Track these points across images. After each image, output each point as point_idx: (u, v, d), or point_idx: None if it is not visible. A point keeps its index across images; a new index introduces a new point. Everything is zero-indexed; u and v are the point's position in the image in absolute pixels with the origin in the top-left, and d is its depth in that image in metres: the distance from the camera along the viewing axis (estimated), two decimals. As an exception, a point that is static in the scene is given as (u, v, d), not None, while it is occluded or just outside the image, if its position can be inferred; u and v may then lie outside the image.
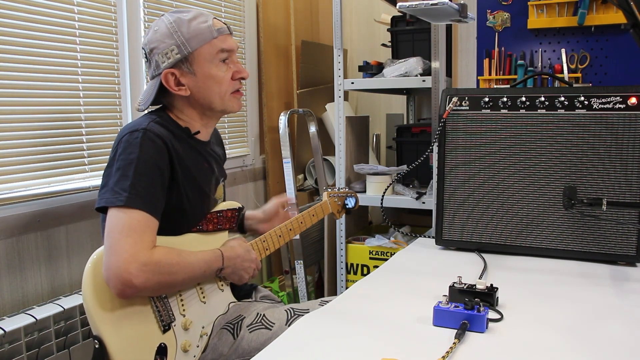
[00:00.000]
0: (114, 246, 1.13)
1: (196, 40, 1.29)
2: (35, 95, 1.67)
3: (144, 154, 1.20)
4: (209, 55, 1.31)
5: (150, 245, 1.16)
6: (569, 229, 1.43)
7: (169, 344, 1.21)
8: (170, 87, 1.31)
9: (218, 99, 1.35)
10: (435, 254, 1.52)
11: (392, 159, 3.12)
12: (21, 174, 1.64)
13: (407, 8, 1.42)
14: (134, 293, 1.13)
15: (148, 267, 1.13)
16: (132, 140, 1.22)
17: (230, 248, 1.33)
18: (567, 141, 1.42)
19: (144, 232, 1.15)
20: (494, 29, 2.34)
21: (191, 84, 1.32)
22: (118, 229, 1.14)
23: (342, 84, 2.51)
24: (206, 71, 1.31)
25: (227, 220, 1.41)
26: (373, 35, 3.37)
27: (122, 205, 1.15)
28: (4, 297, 1.59)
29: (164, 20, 1.32)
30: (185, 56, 1.30)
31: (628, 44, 2.15)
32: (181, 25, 1.30)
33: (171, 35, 1.29)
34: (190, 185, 1.31)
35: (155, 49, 1.30)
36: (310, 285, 2.85)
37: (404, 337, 0.98)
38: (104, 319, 1.14)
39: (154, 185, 1.20)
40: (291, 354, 0.93)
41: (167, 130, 1.28)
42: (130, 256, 1.11)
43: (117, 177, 1.19)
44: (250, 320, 1.36)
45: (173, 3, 2.22)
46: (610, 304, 1.14)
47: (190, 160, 1.32)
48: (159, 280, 1.15)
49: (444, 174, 1.53)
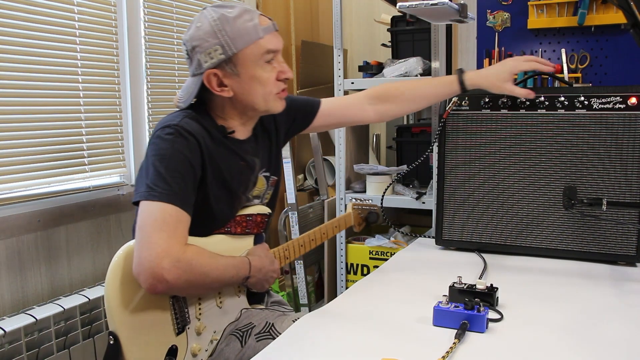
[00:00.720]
0: (147, 240, 1.10)
1: (241, 41, 1.23)
2: (35, 95, 1.67)
3: (176, 150, 1.18)
4: (254, 56, 1.25)
5: (183, 241, 1.14)
6: (569, 229, 1.43)
7: (180, 346, 1.21)
8: (212, 88, 1.26)
9: (262, 100, 1.30)
10: (435, 254, 1.52)
11: (392, 159, 3.12)
12: (21, 174, 1.64)
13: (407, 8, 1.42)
14: (164, 289, 1.11)
15: (181, 263, 1.11)
16: (164, 136, 1.20)
17: (257, 258, 1.30)
18: (567, 141, 1.42)
19: (177, 227, 1.13)
20: (494, 29, 2.34)
21: (234, 85, 1.27)
22: (151, 223, 1.12)
23: (342, 84, 2.51)
24: (251, 72, 1.26)
25: (256, 225, 1.37)
26: (373, 35, 3.37)
27: (157, 200, 1.13)
28: (4, 297, 1.59)
29: (207, 17, 1.24)
30: (230, 57, 1.23)
31: (628, 44, 2.15)
32: (225, 23, 1.22)
33: (215, 34, 1.22)
34: (219, 186, 1.28)
35: (197, 47, 1.24)
36: (310, 285, 2.85)
37: (404, 337, 0.98)
38: (124, 316, 1.12)
39: (186, 181, 1.19)
40: (291, 354, 0.93)
41: (200, 127, 1.25)
42: (163, 250, 1.09)
43: (150, 172, 1.17)
44: (259, 329, 1.33)
45: (173, 3, 2.22)
46: (610, 304, 1.14)
47: (223, 159, 1.28)
48: (189, 279, 1.13)
49: (444, 174, 1.53)
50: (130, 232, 1.96)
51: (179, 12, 2.25)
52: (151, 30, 2.10)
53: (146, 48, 2.08)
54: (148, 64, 2.09)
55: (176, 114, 1.27)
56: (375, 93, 1.59)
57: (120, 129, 1.97)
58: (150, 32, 2.10)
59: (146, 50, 2.08)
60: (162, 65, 2.16)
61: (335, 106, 1.59)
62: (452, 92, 1.50)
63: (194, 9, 2.33)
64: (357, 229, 1.75)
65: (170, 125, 1.21)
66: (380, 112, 1.59)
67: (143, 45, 2.07)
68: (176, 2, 2.23)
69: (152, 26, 2.11)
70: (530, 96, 1.43)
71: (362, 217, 1.75)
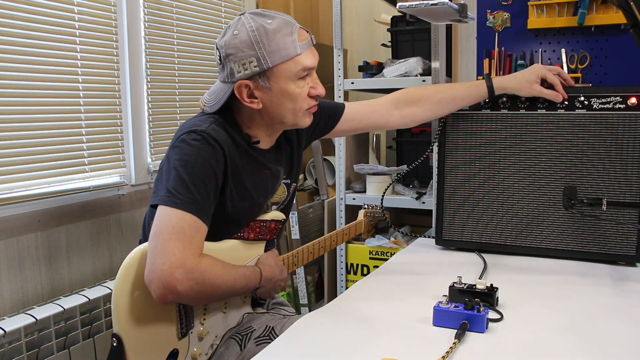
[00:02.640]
0: (162, 248, 1.08)
1: (278, 56, 1.19)
2: (35, 95, 1.67)
3: (202, 158, 1.16)
4: (289, 72, 1.21)
5: (198, 251, 1.12)
6: (569, 229, 1.43)
7: (181, 350, 1.20)
8: (242, 99, 1.23)
9: (291, 115, 1.27)
10: (435, 254, 1.52)
11: (392, 159, 3.12)
12: (21, 174, 1.64)
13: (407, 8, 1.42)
14: (175, 299, 1.09)
15: (194, 275, 1.09)
16: (190, 141, 1.17)
17: (268, 267, 1.28)
18: (567, 141, 1.42)
19: (193, 237, 1.11)
20: (494, 29, 2.34)
21: (265, 98, 1.24)
22: (168, 230, 1.09)
23: (342, 84, 2.51)
24: (283, 87, 1.22)
25: (269, 231, 1.36)
26: (373, 35, 3.37)
27: (177, 207, 1.11)
28: (4, 297, 1.59)
29: (246, 25, 1.19)
30: (264, 70, 1.20)
31: (628, 44, 2.15)
32: (264, 35, 1.18)
33: (252, 45, 1.18)
34: (240, 195, 1.26)
35: (232, 55, 1.20)
36: (310, 285, 2.85)
37: (404, 337, 0.98)
38: (130, 319, 1.11)
39: (208, 190, 1.16)
40: (291, 353, 0.93)
41: (226, 135, 1.23)
42: (178, 260, 1.07)
43: (172, 176, 1.15)
44: (258, 333, 1.32)
45: (173, 3, 2.22)
46: (610, 304, 1.14)
47: (245, 169, 1.27)
48: (200, 291, 1.11)
49: (444, 174, 1.53)
50: (130, 232, 1.96)
51: (179, 12, 2.25)
52: (151, 30, 2.10)
53: (146, 48, 2.08)
54: (148, 64, 2.09)
55: (203, 119, 1.24)
56: (402, 96, 1.56)
57: (120, 129, 1.97)
58: (150, 32, 2.10)
59: (146, 50, 2.08)
60: (162, 65, 2.16)
61: (359, 111, 1.57)
62: (480, 95, 1.49)
63: (194, 9, 2.33)
64: (365, 236, 1.74)
65: (197, 131, 1.18)
66: (406, 116, 1.55)
67: (143, 45, 2.07)
68: (176, 2, 2.23)
69: (152, 26, 2.11)
70: (558, 99, 1.43)
71: (372, 224, 1.74)
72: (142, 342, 1.13)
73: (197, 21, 2.37)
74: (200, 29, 2.37)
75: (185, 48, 2.27)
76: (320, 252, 1.52)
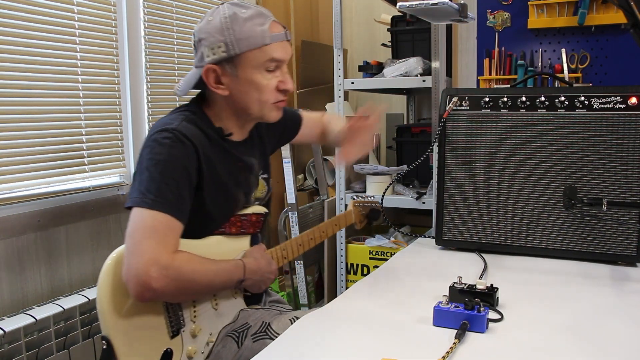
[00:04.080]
0: (136, 247, 1.10)
1: (246, 43, 1.21)
2: (35, 95, 1.67)
3: (172, 156, 1.17)
4: (256, 61, 1.23)
5: (172, 248, 1.13)
6: (569, 229, 1.43)
7: (175, 349, 1.20)
8: (209, 84, 1.25)
9: (257, 106, 1.28)
10: (435, 254, 1.52)
11: (392, 159, 3.12)
12: (21, 174, 1.64)
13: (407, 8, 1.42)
14: (152, 297, 1.11)
15: (169, 271, 1.10)
16: (161, 140, 1.18)
17: (253, 260, 1.29)
18: (568, 141, 1.42)
19: (166, 235, 1.13)
20: (494, 29, 2.34)
21: (231, 85, 1.26)
22: (140, 230, 1.11)
23: (342, 84, 2.51)
24: (249, 76, 1.24)
25: (252, 225, 1.37)
26: (373, 35, 3.37)
27: (148, 207, 1.13)
28: (4, 297, 1.59)
29: (220, 12, 1.23)
30: (231, 56, 1.22)
31: (628, 44, 2.15)
32: (235, 22, 1.21)
33: (222, 31, 1.21)
34: (217, 189, 1.27)
35: (204, 40, 1.24)
36: (310, 285, 2.85)
37: (404, 337, 0.98)
38: (116, 320, 1.12)
39: (180, 188, 1.17)
40: (291, 354, 0.93)
41: (198, 130, 1.24)
42: (151, 258, 1.09)
43: (144, 177, 1.16)
44: (255, 329, 1.33)
45: (173, 3, 2.22)
46: (610, 304, 1.14)
47: (220, 162, 1.28)
48: (178, 287, 1.13)
49: (444, 174, 1.53)
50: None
51: (179, 12, 2.25)
52: (151, 30, 2.10)
53: (146, 48, 2.08)
54: (148, 64, 2.09)
55: (174, 117, 1.26)
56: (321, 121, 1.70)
57: (120, 129, 1.97)
58: (150, 32, 2.10)
59: (146, 50, 2.08)
60: (162, 65, 2.16)
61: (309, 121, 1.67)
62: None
63: (194, 8, 2.33)
64: (358, 227, 1.75)
65: (168, 129, 1.20)
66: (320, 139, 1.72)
67: (143, 45, 2.07)
68: (176, 2, 2.23)
69: (152, 26, 2.11)
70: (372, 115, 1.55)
71: (363, 214, 1.74)
72: (132, 343, 1.14)
73: (197, 21, 2.37)
74: (200, 29, 2.37)
75: (185, 48, 2.27)
76: (310, 244, 1.52)
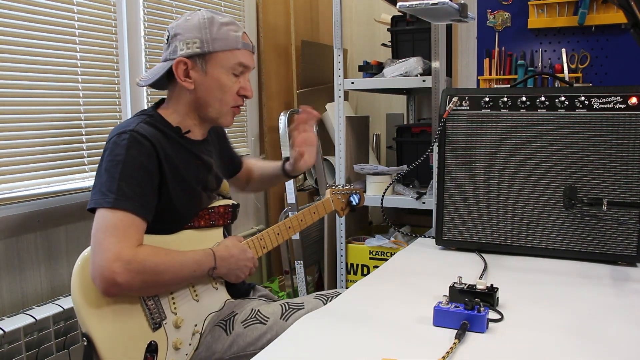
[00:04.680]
0: (99, 245, 1.14)
1: (220, 43, 1.31)
2: (35, 95, 1.67)
3: (130, 156, 1.21)
4: (225, 63, 1.33)
5: (134, 243, 1.17)
6: (569, 229, 1.43)
7: (159, 341, 1.22)
8: (178, 76, 1.32)
9: (217, 105, 1.36)
10: (435, 254, 1.52)
11: (392, 159, 3.12)
12: (21, 174, 1.64)
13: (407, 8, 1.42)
14: (118, 291, 1.14)
15: (132, 265, 1.13)
16: (119, 142, 1.23)
17: (224, 248, 1.33)
18: (568, 141, 1.42)
19: (128, 231, 1.16)
20: (494, 29, 2.34)
21: (198, 81, 1.33)
22: (103, 228, 1.15)
23: (342, 84, 2.51)
24: (217, 75, 1.33)
25: (220, 216, 1.41)
26: (373, 35, 3.37)
27: (109, 206, 1.17)
28: (4, 298, 1.59)
29: (199, 14, 1.33)
30: (204, 53, 1.31)
31: (628, 44, 2.15)
32: (213, 24, 1.32)
33: (199, 29, 1.31)
34: (179, 185, 1.31)
35: (179, 35, 1.32)
36: (310, 285, 2.85)
37: (404, 337, 0.98)
38: (92, 316, 1.15)
39: (141, 185, 1.21)
40: (291, 353, 0.93)
41: (156, 130, 1.30)
42: (114, 255, 1.12)
43: (104, 179, 1.20)
44: (244, 316, 1.36)
45: (173, 3, 2.22)
46: (610, 304, 1.13)
47: (180, 159, 1.32)
48: (143, 279, 1.16)
49: (444, 174, 1.53)
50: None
51: (179, 12, 2.25)
52: (151, 30, 2.10)
53: (146, 48, 2.08)
54: (148, 63, 2.09)
55: (132, 120, 1.33)
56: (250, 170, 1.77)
57: (120, 129, 1.97)
58: (150, 32, 2.10)
59: (146, 50, 2.08)
60: (162, 65, 2.15)
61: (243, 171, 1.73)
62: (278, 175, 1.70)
63: (194, 9, 2.33)
64: (341, 215, 1.74)
65: (126, 131, 1.25)
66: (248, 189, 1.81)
67: (143, 45, 2.07)
68: (176, 2, 2.23)
69: (152, 26, 2.11)
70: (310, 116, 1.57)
71: (343, 202, 1.72)
72: (112, 338, 1.15)
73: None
74: (200, 28, 2.36)
75: (185, 48, 2.27)
76: (289, 232, 1.53)
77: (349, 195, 1.73)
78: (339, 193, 1.72)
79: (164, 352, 1.22)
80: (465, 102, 1.51)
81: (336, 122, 2.55)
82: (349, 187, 1.76)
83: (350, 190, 1.74)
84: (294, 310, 1.38)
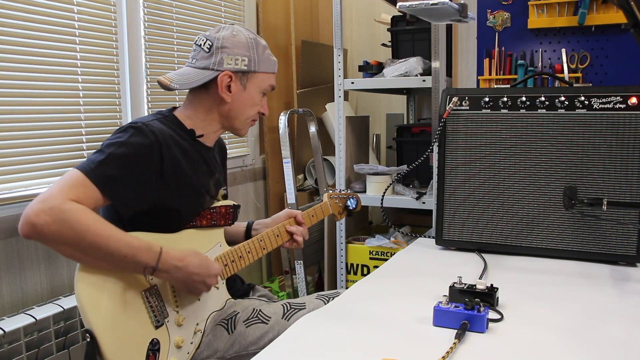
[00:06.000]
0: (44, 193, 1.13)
1: (264, 66, 1.42)
2: (35, 95, 1.67)
3: (129, 142, 1.23)
4: (262, 83, 1.43)
5: (73, 198, 1.13)
6: (569, 229, 1.43)
7: (161, 339, 1.22)
8: (220, 87, 1.37)
9: (243, 119, 1.44)
10: (435, 254, 1.52)
11: (392, 159, 3.12)
12: (21, 174, 1.64)
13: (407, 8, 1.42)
14: (31, 232, 1.10)
15: (54, 211, 1.09)
16: (125, 129, 1.26)
17: (177, 252, 1.22)
18: (568, 141, 1.42)
19: (73, 187, 1.15)
20: (494, 29, 2.34)
21: (236, 95, 1.40)
22: (59, 183, 1.15)
23: (342, 84, 2.51)
24: (252, 93, 1.43)
25: (222, 217, 1.41)
26: (373, 35, 3.37)
27: (83, 171, 1.17)
28: (4, 297, 1.59)
29: (243, 32, 1.41)
30: (250, 72, 1.40)
31: (628, 44, 2.15)
32: (258, 46, 1.41)
33: (248, 48, 1.39)
34: (182, 183, 1.31)
35: (227, 48, 1.37)
36: (310, 285, 2.85)
37: (404, 337, 0.98)
38: (95, 312, 1.14)
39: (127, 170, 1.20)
40: (291, 353, 0.93)
41: (167, 129, 1.31)
42: (44, 197, 1.11)
43: (97, 154, 1.22)
44: (246, 315, 1.37)
45: (173, 3, 2.22)
46: (610, 304, 1.13)
47: (187, 159, 1.33)
48: (59, 230, 1.10)
49: (444, 174, 1.53)
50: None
51: (179, 12, 2.25)
52: (151, 30, 2.10)
53: (146, 48, 2.08)
54: (148, 64, 2.09)
55: (147, 116, 1.36)
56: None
57: (120, 129, 1.97)
58: (150, 32, 2.10)
59: (146, 50, 2.08)
60: (162, 65, 2.16)
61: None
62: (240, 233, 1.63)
63: (194, 9, 2.33)
64: (338, 219, 1.79)
65: (137, 123, 1.28)
66: None
67: (143, 45, 2.07)
68: (176, 2, 2.23)
69: (152, 26, 2.11)
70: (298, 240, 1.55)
71: (340, 206, 1.77)
72: (115, 335, 1.15)
73: (197, 21, 2.37)
74: (200, 29, 2.37)
75: (185, 48, 2.27)
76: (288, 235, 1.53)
77: (346, 199, 1.77)
78: (336, 197, 1.75)
79: (166, 350, 1.22)
80: (465, 102, 1.51)
81: (336, 122, 2.55)
82: (346, 191, 1.80)
83: (347, 195, 1.78)
84: (295, 310, 1.39)
